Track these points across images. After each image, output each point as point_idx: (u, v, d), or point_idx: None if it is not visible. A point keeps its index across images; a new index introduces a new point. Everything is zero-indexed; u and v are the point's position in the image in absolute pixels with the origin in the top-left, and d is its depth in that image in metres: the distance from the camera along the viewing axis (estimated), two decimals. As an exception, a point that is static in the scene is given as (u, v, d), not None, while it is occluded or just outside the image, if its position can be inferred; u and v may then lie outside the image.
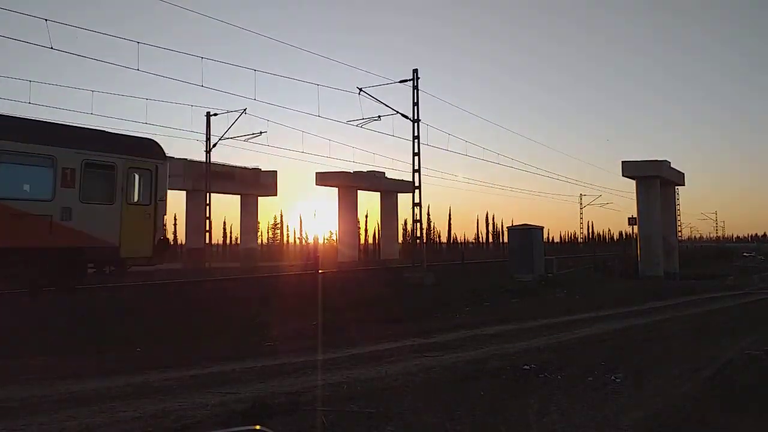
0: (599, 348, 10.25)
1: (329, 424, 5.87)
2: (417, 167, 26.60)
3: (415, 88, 26.66)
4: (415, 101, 26.69)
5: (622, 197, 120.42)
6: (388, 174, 52.50)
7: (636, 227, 37.11)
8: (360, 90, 26.09)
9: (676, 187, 45.61)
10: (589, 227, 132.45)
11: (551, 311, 16.12)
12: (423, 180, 27.98)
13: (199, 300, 18.44)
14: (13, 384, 7.59)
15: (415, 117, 26.68)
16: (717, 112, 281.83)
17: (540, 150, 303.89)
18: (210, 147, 36.07)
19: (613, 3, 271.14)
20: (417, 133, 26.59)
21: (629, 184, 36.38)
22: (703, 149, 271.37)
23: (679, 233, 65.94)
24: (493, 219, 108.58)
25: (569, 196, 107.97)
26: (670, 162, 37.87)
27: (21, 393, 7.12)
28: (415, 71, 26.68)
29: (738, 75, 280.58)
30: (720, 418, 6.33)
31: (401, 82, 26.79)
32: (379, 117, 27.47)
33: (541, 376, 7.99)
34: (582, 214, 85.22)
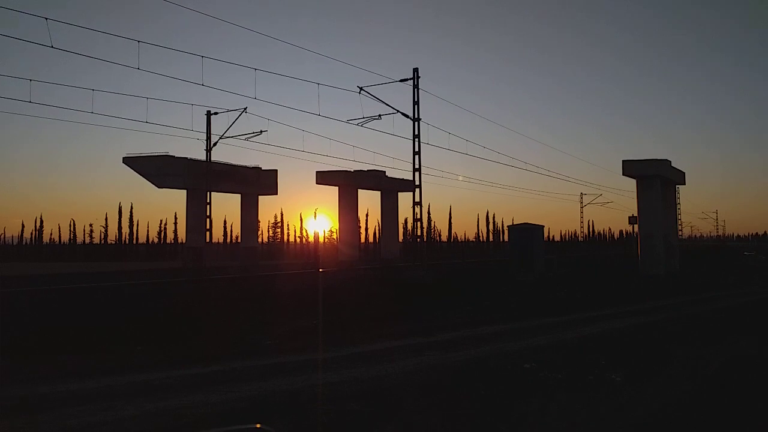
0: (599, 347, 10.25)
1: (329, 423, 5.88)
2: (417, 166, 26.63)
3: (416, 87, 26.66)
4: (416, 100, 26.69)
5: (622, 196, 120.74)
6: (388, 173, 52.52)
7: (636, 226, 37.07)
8: (360, 89, 26.12)
9: (676, 186, 45.55)
10: (590, 226, 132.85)
11: (552, 310, 16.12)
12: (423, 179, 28.05)
13: (199, 299, 18.48)
14: (14, 384, 7.62)
15: (416, 116, 26.68)
16: (718, 111, 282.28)
17: (541, 148, 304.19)
18: (210, 146, 36.08)
19: (615, 0, 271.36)
20: (417, 132, 26.61)
21: (630, 182, 36.38)
22: (704, 148, 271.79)
23: (680, 232, 65.86)
24: (494, 218, 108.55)
25: (570, 194, 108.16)
26: (670, 161, 37.76)
27: (22, 392, 7.14)
28: (416, 70, 26.70)
29: (739, 74, 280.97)
30: (720, 417, 6.34)
31: (402, 81, 26.79)
32: (380, 116, 27.50)
33: (542, 375, 8.00)
34: (582, 212, 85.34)
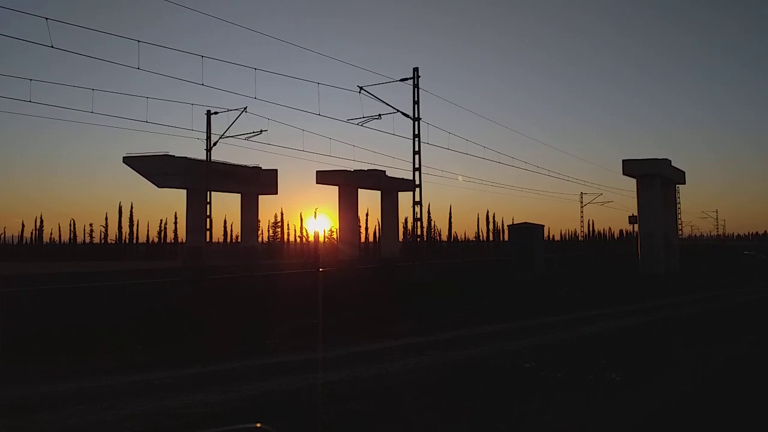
0: (599, 346, 10.25)
1: (329, 422, 5.88)
2: (417, 166, 26.61)
3: (416, 86, 26.64)
4: (416, 100, 26.67)
5: (622, 195, 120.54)
6: (388, 172, 52.55)
7: (637, 225, 37.08)
8: (360, 88, 26.09)
9: (677, 186, 45.53)
10: (590, 226, 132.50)
11: (552, 309, 16.13)
12: (424, 178, 28.01)
13: (200, 299, 18.48)
14: (15, 383, 7.62)
15: (416, 115, 26.67)
16: (718, 111, 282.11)
17: (541, 148, 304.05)
18: (210, 145, 36.10)
19: (615, 0, 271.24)
20: (417, 132, 26.59)
21: (630, 182, 36.32)
22: (704, 148, 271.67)
23: (680, 232, 65.86)
24: (494, 217, 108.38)
25: (570, 194, 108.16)
26: (670, 161, 37.78)
27: (22, 392, 7.14)
28: (416, 70, 26.68)
29: (739, 74, 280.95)
30: (720, 417, 6.33)
31: (402, 80, 26.75)
32: (380, 115, 27.47)
33: (542, 374, 8.00)
34: (582, 212, 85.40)
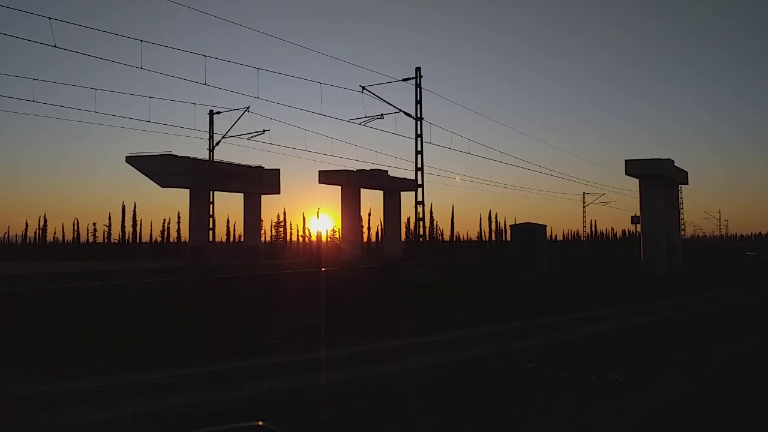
0: (601, 346, 10.24)
1: (331, 422, 5.88)
2: (420, 165, 26.61)
3: (418, 86, 26.63)
4: (418, 99, 26.66)
5: (625, 196, 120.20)
6: (390, 172, 52.51)
7: (639, 226, 37.01)
8: (363, 88, 26.07)
9: (679, 186, 45.44)
10: (592, 226, 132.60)
11: (554, 309, 16.11)
12: (426, 178, 27.99)
13: (202, 298, 18.51)
14: (16, 383, 7.64)
15: (418, 115, 26.65)
16: (721, 111, 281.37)
17: (544, 148, 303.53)
18: (213, 145, 36.09)
19: (616, 0, 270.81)
20: (420, 131, 26.59)
21: (633, 182, 36.22)
22: (707, 148, 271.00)
23: (683, 232, 65.74)
24: (496, 217, 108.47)
25: (572, 194, 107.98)
26: (673, 161, 37.68)
27: (23, 391, 7.16)
28: (418, 69, 26.66)
29: (743, 74, 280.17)
30: (722, 417, 6.32)
31: (404, 80, 26.74)
32: (382, 115, 27.44)
33: (544, 374, 7.99)
34: (585, 212, 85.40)
